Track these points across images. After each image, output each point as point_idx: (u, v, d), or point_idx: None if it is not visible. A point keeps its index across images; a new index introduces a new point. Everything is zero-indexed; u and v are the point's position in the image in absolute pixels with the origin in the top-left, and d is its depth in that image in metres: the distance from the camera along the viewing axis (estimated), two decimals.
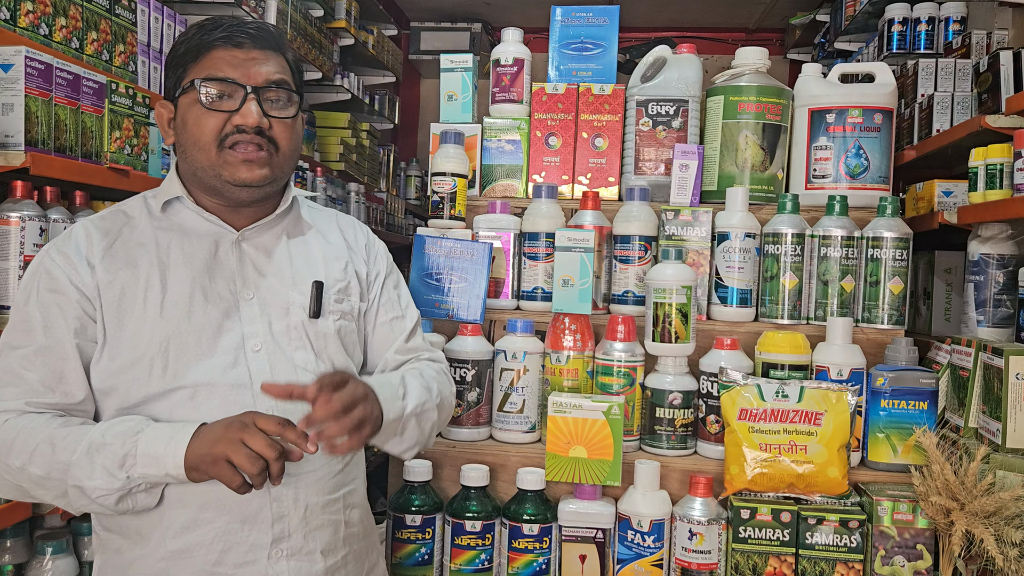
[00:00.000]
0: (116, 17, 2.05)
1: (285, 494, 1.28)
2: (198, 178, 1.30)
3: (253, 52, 1.27)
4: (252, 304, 1.30)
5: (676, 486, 1.82)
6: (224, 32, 1.26)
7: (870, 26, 3.46)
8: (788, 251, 1.90)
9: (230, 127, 1.25)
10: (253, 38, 1.27)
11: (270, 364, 1.29)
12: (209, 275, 1.30)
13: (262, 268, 1.33)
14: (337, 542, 1.34)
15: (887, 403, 1.77)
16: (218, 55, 1.26)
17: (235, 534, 1.25)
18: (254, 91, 1.25)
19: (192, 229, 1.32)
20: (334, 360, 1.35)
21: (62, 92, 1.78)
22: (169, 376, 1.24)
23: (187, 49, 1.28)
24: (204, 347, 1.26)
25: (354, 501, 1.39)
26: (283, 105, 1.29)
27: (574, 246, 1.84)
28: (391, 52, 4.72)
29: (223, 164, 1.26)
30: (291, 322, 1.32)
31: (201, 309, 1.28)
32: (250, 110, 1.24)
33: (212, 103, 1.25)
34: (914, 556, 1.66)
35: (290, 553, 1.28)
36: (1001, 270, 1.95)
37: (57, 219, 1.77)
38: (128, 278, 1.27)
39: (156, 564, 1.25)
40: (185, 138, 1.28)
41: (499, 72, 2.12)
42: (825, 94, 2.03)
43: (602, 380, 1.85)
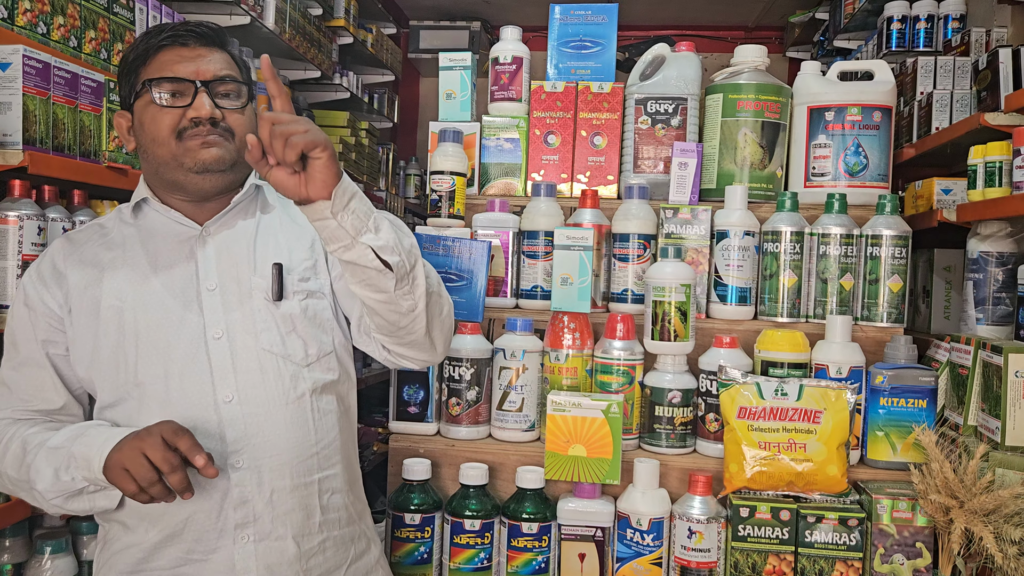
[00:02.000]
0: (114, 16, 2.05)
1: (248, 479, 1.29)
2: (160, 176, 1.35)
3: (199, 49, 1.32)
4: (214, 294, 1.33)
5: (675, 484, 1.82)
6: (169, 33, 1.32)
7: (869, 24, 3.46)
8: (787, 249, 1.90)
9: (185, 121, 1.29)
10: (197, 36, 1.33)
11: (231, 350, 1.31)
12: (172, 271, 1.34)
13: (224, 258, 1.36)
14: (311, 527, 1.34)
15: (886, 401, 1.77)
16: (165, 56, 1.31)
17: (202, 521, 1.29)
18: (204, 85, 1.30)
19: (158, 229, 1.38)
20: (305, 339, 1.36)
21: (60, 91, 1.78)
22: (132, 373, 1.31)
23: (136, 55, 1.33)
24: (165, 342, 1.31)
25: (333, 486, 1.39)
26: (233, 97, 1.34)
27: (573, 244, 1.83)
28: (390, 51, 4.72)
29: (184, 152, 1.30)
30: (254, 306, 1.34)
31: (163, 305, 1.32)
32: (202, 103, 1.29)
33: (165, 102, 1.30)
34: (913, 554, 1.66)
35: (258, 538, 1.30)
36: (1000, 268, 1.95)
37: (55, 218, 1.77)
38: (94, 282, 1.34)
39: (138, 554, 1.31)
40: (144, 138, 1.33)
41: (498, 70, 2.12)
42: (824, 92, 2.02)
43: (601, 379, 1.84)
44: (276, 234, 1.40)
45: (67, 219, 1.80)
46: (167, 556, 1.30)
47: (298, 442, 1.34)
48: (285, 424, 1.32)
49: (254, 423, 1.31)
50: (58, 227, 1.77)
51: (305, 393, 1.35)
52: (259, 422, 1.31)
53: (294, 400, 1.34)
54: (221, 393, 1.30)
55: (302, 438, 1.34)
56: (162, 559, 1.30)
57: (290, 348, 1.34)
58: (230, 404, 1.30)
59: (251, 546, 1.30)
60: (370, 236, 1.20)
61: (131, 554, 1.31)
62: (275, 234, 1.40)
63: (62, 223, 1.78)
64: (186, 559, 1.29)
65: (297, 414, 1.34)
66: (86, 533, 1.87)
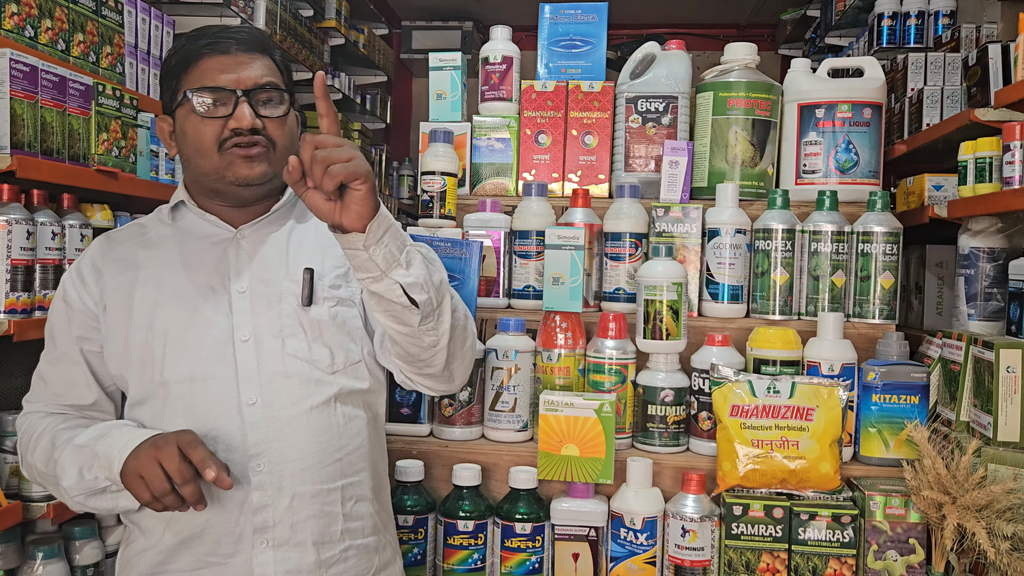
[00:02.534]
0: (103, 19, 2.04)
1: (268, 483, 1.28)
2: (201, 184, 1.36)
3: (240, 56, 1.31)
4: (244, 297, 1.33)
5: (669, 483, 1.82)
6: (210, 40, 1.31)
7: (860, 21, 3.47)
8: (779, 247, 1.90)
9: (227, 132, 1.29)
10: (239, 43, 1.31)
11: (257, 353, 1.30)
12: (205, 273, 1.34)
13: (257, 262, 1.35)
14: (333, 535, 1.32)
15: (878, 398, 1.77)
16: (207, 64, 1.30)
17: (221, 525, 1.28)
18: (244, 94, 1.29)
19: (194, 231, 1.38)
20: (331, 347, 1.33)
21: (48, 94, 1.77)
22: (158, 372, 1.30)
23: (177, 61, 1.32)
24: (193, 342, 1.30)
25: (358, 494, 1.36)
26: (274, 104, 1.33)
27: (564, 244, 1.83)
28: (382, 51, 4.72)
29: (226, 166, 1.30)
30: (283, 310, 1.32)
31: (193, 306, 1.32)
32: (243, 113, 1.28)
33: (207, 111, 1.29)
34: (907, 550, 1.66)
35: (276, 544, 1.28)
36: (991, 263, 1.96)
37: (44, 222, 1.76)
38: (129, 281, 1.35)
39: (156, 557, 1.30)
40: (186, 148, 1.33)
41: (488, 70, 2.12)
42: (814, 89, 2.02)
43: (594, 378, 1.84)
44: (311, 240, 1.39)
45: (56, 223, 1.79)
46: (185, 559, 1.29)
47: (321, 448, 1.31)
48: (308, 429, 1.30)
49: (276, 427, 1.29)
50: (47, 231, 1.77)
51: (330, 399, 1.33)
52: (281, 426, 1.29)
53: (318, 406, 1.31)
54: (245, 396, 1.29)
55: (325, 444, 1.32)
56: (180, 562, 1.29)
57: (316, 354, 1.32)
58: (253, 407, 1.29)
59: (269, 552, 1.28)
60: (400, 272, 1.18)
61: (149, 556, 1.31)
62: (310, 240, 1.39)
63: (51, 227, 1.77)
64: (204, 562, 1.28)
65: (321, 420, 1.32)
66: (78, 539, 1.86)
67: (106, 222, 1.98)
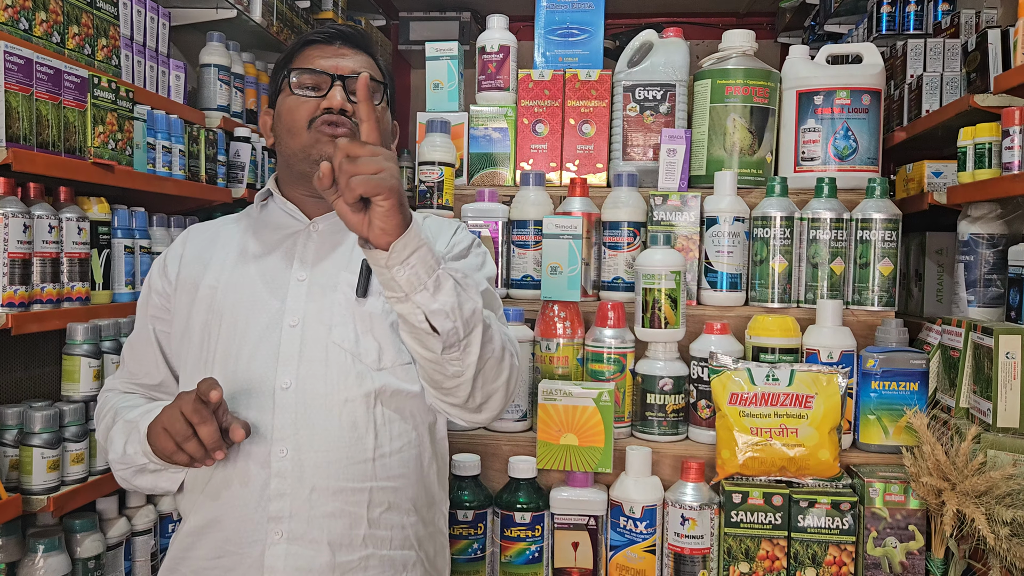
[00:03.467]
0: (98, 11, 2.03)
1: (288, 471, 1.24)
2: (291, 168, 1.37)
3: (343, 49, 1.36)
4: (302, 285, 1.33)
5: (668, 472, 1.82)
6: (318, 31, 1.37)
7: (860, 8, 3.44)
8: (777, 234, 1.89)
9: (319, 111, 1.31)
10: (344, 36, 1.37)
11: (301, 339, 1.29)
12: (270, 259, 1.36)
13: (324, 253, 1.35)
14: (354, 538, 1.26)
15: (878, 385, 1.76)
16: (310, 51, 1.36)
17: (241, 510, 1.26)
18: (340, 79, 1.32)
19: (272, 220, 1.41)
20: (380, 341, 1.29)
21: (43, 87, 1.76)
22: (212, 351, 1.32)
23: (286, 54, 1.39)
24: (244, 322, 1.32)
25: (391, 501, 1.29)
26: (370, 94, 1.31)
27: (562, 233, 1.83)
28: (380, 43, 4.70)
29: (313, 143, 1.32)
30: (336, 299, 1.31)
31: (252, 289, 1.34)
32: (335, 95, 1.31)
33: (301, 90, 1.33)
34: (906, 537, 1.66)
35: (290, 537, 1.24)
36: (991, 250, 1.95)
37: (41, 215, 1.76)
38: (203, 263, 1.39)
39: (185, 539, 1.31)
40: (280, 128, 1.36)
41: (485, 59, 2.11)
42: (813, 76, 2.02)
43: (592, 367, 1.84)
44: None
45: (53, 216, 1.79)
46: (205, 547, 1.28)
47: (351, 444, 1.26)
48: (339, 422, 1.26)
49: (305, 414, 1.25)
50: (44, 224, 1.76)
51: (369, 395, 1.27)
52: (310, 414, 1.26)
53: (355, 399, 1.26)
54: (280, 379, 1.27)
55: (356, 440, 1.26)
56: (201, 549, 1.28)
57: (363, 347, 1.28)
58: (287, 391, 1.26)
59: (282, 545, 1.24)
60: (424, 296, 1.12)
61: (180, 540, 1.32)
62: None
63: (48, 220, 1.77)
64: (223, 551, 1.26)
65: (355, 415, 1.26)
66: (79, 531, 1.86)
67: (103, 215, 1.98)
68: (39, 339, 2.01)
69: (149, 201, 2.27)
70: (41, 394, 2.03)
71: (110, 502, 1.99)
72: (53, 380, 2.04)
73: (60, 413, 1.78)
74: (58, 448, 1.77)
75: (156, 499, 2.15)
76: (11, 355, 1.98)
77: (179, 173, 2.33)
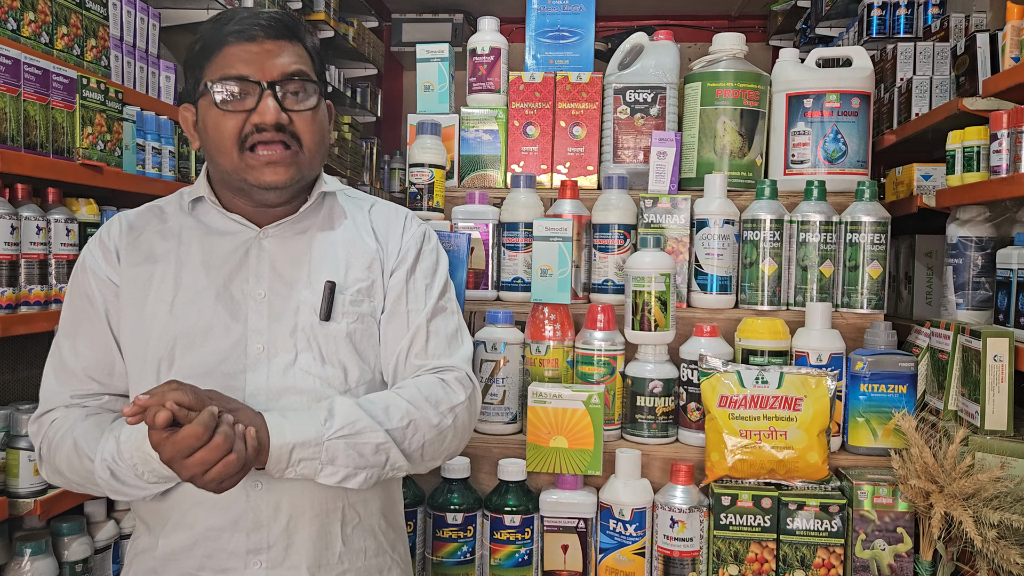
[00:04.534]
0: (87, 11, 2.03)
1: (266, 501, 1.23)
2: (225, 181, 1.28)
3: (267, 44, 1.21)
4: (262, 304, 1.27)
5: (658, 474, 1.82)
6: (236, 26, 1.21)
7: (851, 11, 3.46)
8: (767, 237, 1.89)
9: (249, 127, 1.20)
10: (266, 29, 1.21)
11: (268, 366, 1.25)
12: (224, 274, 1.27)
13: (279, 267, 1.28)
14: (330, 558, 1.26)
15: (866, 387, 1.77)
16: (231, 52, 1.21)
17: (215, 540, 1.23)
18: (270, 86, 1.20)
19: (215, 227, 1.31)
20: (345, 364, 1.27)
21: (31, 87, 1.76)
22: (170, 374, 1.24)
23: (201, 47, 1.23)
24: (208, 346, 1.24)
25: (361, 514, 1.30)
26: (303, 97, 1.24)
27: (552, 235, 1.83)
28: (372, 44, 4.70)
29: (247, 168, 1.22)
30: (299, 323, 1.26)
31: (210, 308, 1.25)
32: (267, 107, 1.19)
33: (228, 104, 1.20)
34: (894, 539, 1.67)
35: (270, 565, 1.23)
36: (979, 252, 1.96)
37: (29, 216, 1.75)
38: (145, 274, 1.28)
39: (149, 562, 1.26)
40: (207, 142, 1.25)
41: (476, 61, 2.11)
42: (802, 79, 2.02)
43: (582, 369, 1.84)
44: (336, 248, 1.32)
45: (41, 217, 1.78)
46: (176, 570, 1.25)
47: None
48: None
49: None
50: (32, 226, 1.75)
51: None
52: None
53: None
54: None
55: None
56: (170, 573, 1.25)
57: (329, 371, 1.26)
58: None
59: (263, 572, 1.23)
60: (326, 474, 1.18)
61: (145, 560, 1.27)
62: (335, 248, 1.32)
63: (36, 222, 1.76)
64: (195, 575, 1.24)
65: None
66: (67, 535, 1.85)
67: (92, 216, 1.97)
68: (27, 341, 2.00)
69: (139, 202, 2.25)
70: (28, 397, 2.02)
71: (98, 505, 1.98)
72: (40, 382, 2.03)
73: None
74: None
75: None
76: None
77: (169, 174, 2.32)
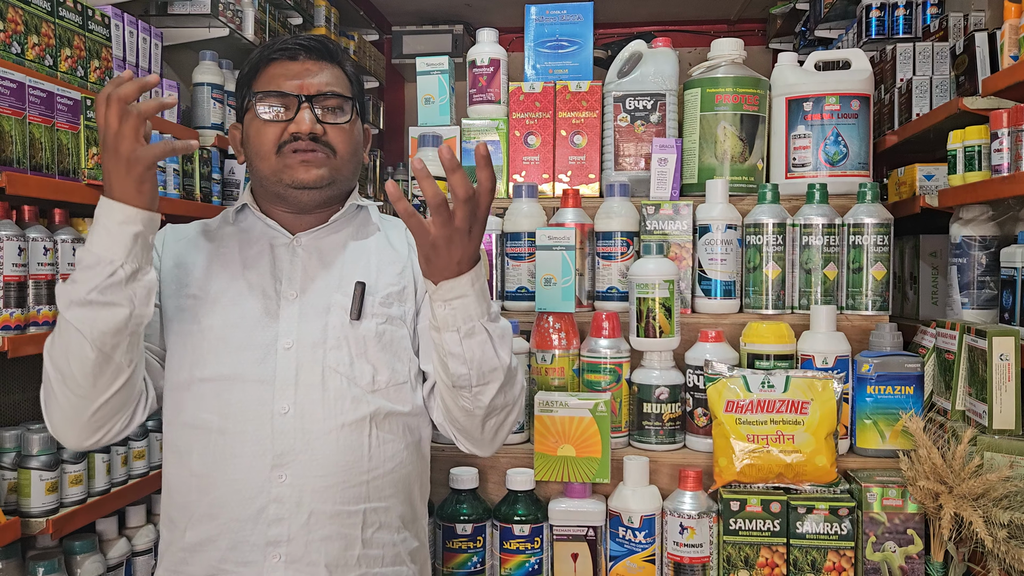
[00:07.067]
0: (90, 33, 2.05)
1: (287, 496, 1.26)
2: (264, 188, 1.36)
3: (307, 64, 1.33)
4: (293, 304, 1.32)
5: (666, 481, 1.82)
6: (280, 47, 1.34)
7: (849, 13, 3.46)
8: (770, 241, 1.90)
9: (287, 135, 1.30)
10: (307, 50, 1.33)
11: (297, 363, 1.29)
12: (258, 274, 1.34)
13: (312, 270, 1.35)
14: (348, 559, 1.28)
15: (873, 389, 1.77)
16: (274, 70, 1.33)
17: (238, 531, 1.26)
18: (307, 99, 1.30)
19: (253, 232, 1.39)
20: (374, 363, 1.32)
21: (36, 110, 1.77)
22: (200, 366, 1.30)
23: (248, 69, 1.36)
24: (238, 342, 1.30)
25: (382, 520, 1.32)
26: (338, 112, 1.34)
27: (555, 244, 1.83)
28: (373, 57, 4.72)
29: (283, 168, 1.31)
30: (330, 322, 1.31)
31: (243, 305, 1.32)
32: (303, 118, 1.29)
33: (269, 115, 1.31)
34: (905, 541, 1.66)
35: (289, 560, 1.26)
36: (983, 252, 1.96)
37: (36, 238, 1.76)
38: (181, 268, 1.36)
39: (178, 554, 1.30)
40: (249, 151, 1.35)
41: (475, 73, 2.12)
42: (801, 82, 2.03)
43: (588, 377, 1.84)
44: (369, 254, 1.39)
45: (48, 238, 1.80)
46: (200, 563, 1.28)
47: (348, 467, 1.28)
48: (337, 447, 1.27)
49: (304, 440, 1.27)
50: (39, 247, 1.77)
51: (365, 419, 1.29)
52: (310, 439, 1.27)
53: (351, 424, 1.29)
54: (278, 404, 1.27)
55: (353, 464, 1.28)
56: (195, 565, 1.28)
57: (357, 370, 1.30)
58: (285, 416, 1.27)
59: (281, 566, 1.26)
60: (452, 338, 1.20)
61: (173, 553, 1.31)
62: (367, 254, 1.39)
63: (43, 243, 1.78)
64: (218, 569, 1.27)
65: (352, 439, 1.29)
66: (79, 553, 1.86)
67: None
68: (36, 361, 2.01)
69: None
70: (38, 416, 2.03)
71: (110, 523, 1.99)
72: None
73: None
74: (56, 470, 1.77)
75: (156, 519, 2.15)
76: (8, 378, 1.98)
77: (174, 192, 2.34)
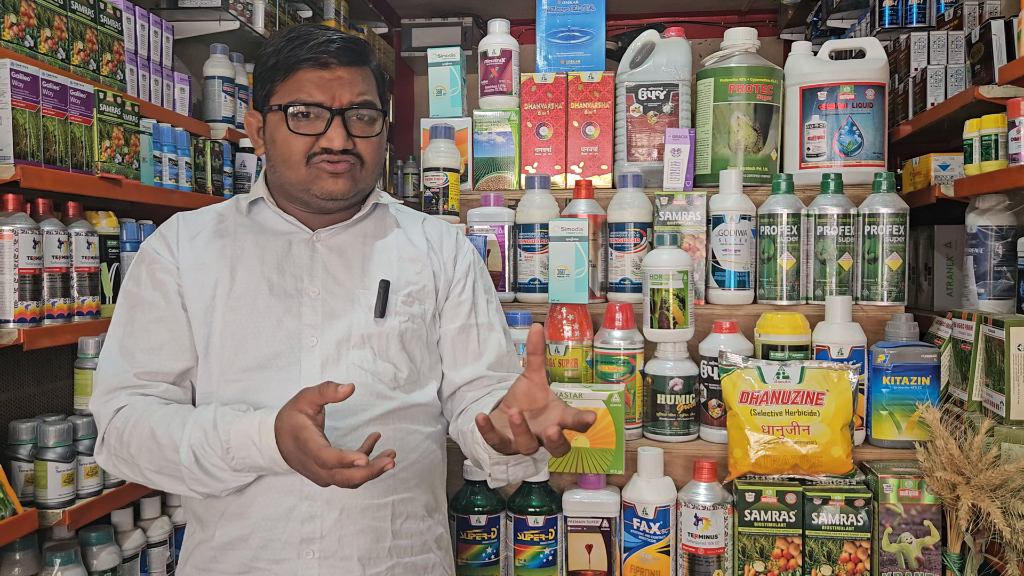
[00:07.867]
0: (102, 26, 2.05)
1: (319, 494, 1.26)
2: (285, 190, 1.34)
3: (339, 71, 1.28)
4: (316, 301, 1.32)
5: (680, 472, 1.81)
6: (310, 53, 1.28)
7: (862, 2, 3.44)
8: (784, 231, 1.89)
9: (317, 148, 1.28)
10: (338, 56, 1.28)
11: (322, 361, 1.29)
12: (278, 271, 1.33)
13: (332, 267, 1.34)
14: (380, 551, 1.30)
15: (889, 380, 1.76)
16: (304, 76, 1.28)
17: (270, 530, 1.27)
18: (339, 112, 1.27)
19: (270, 227, 1.37)
20: (395, 361, 1.33)
21: (49, 103, 1.78)
22: (225, 367, 1.29)
23: (275, 64, 1.30)
24: (262, 339, 1.30)
25: (409, 511, 1.34)
26: (368, 123, 1.31)
27: (568, 236, 1.83)
28: (383, 50, 4.71)
29: (312, 179, 1.29)
30: (354, 320, 1.31)
31: (265, 303, 1.31)
32: (335, 133, 1.27)
33: (299, 126, 1.28)
34: (922, 532, 1.65)
35: (323, 556, 1.27)
36: (1000, 241, 1.94)
37: (51, 231, 1.77)
38: (202, 270, 1.33)
39: (208, 552, 1.31)
40: (274, 154, 1.32)
41: (487, 64, 2.11)
42: (816, 72, 2.01)
43: (602, 369, 1.84)
44: (389, 251, 1.39)
45: (62, 231, 1.80)
46: (231, 561, 1.29)
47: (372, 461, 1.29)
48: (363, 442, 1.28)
49: (333, 438, 1.26)
50: (53, 240, 1.78)
51: (390, 413, 1.31)
52: (338, 437, 1.27)
53: (377, 419, 1.30)
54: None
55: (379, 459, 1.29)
56: (226, 563, 1.29)
57: (380, 367, 1.31)
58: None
59: (315, 563, 1.27)
60: (499, 468, 1.26)
61: (203, 551, 1.31)
62: (388, 251, 1.39)
63: (57, 236, 1.78)
64: (250, 567, 1.28)
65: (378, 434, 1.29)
66: (95, 544, 1.87)
67: (111, 229, 1.99)
68: (51, 354, 2.02)
69: (157, 214, 2.28)
70: (54, 408, 2.04)
71: (125, 514, 2.00)
72: (66, 394, 2.05)
73: (73, 427, 1.79)
74: (72, 462, 1.78)
75: (171, 510, 2.16)
76: (24, 370, 1.99)
77: (186, 185, 2.34)
